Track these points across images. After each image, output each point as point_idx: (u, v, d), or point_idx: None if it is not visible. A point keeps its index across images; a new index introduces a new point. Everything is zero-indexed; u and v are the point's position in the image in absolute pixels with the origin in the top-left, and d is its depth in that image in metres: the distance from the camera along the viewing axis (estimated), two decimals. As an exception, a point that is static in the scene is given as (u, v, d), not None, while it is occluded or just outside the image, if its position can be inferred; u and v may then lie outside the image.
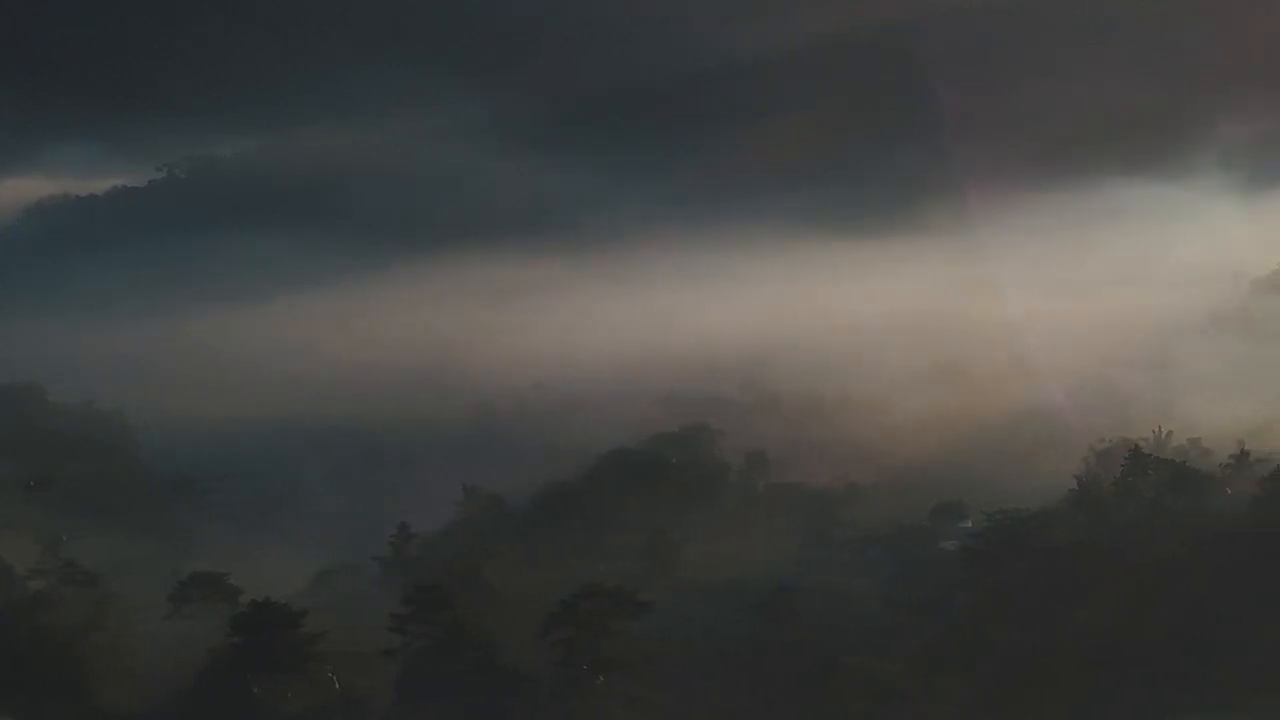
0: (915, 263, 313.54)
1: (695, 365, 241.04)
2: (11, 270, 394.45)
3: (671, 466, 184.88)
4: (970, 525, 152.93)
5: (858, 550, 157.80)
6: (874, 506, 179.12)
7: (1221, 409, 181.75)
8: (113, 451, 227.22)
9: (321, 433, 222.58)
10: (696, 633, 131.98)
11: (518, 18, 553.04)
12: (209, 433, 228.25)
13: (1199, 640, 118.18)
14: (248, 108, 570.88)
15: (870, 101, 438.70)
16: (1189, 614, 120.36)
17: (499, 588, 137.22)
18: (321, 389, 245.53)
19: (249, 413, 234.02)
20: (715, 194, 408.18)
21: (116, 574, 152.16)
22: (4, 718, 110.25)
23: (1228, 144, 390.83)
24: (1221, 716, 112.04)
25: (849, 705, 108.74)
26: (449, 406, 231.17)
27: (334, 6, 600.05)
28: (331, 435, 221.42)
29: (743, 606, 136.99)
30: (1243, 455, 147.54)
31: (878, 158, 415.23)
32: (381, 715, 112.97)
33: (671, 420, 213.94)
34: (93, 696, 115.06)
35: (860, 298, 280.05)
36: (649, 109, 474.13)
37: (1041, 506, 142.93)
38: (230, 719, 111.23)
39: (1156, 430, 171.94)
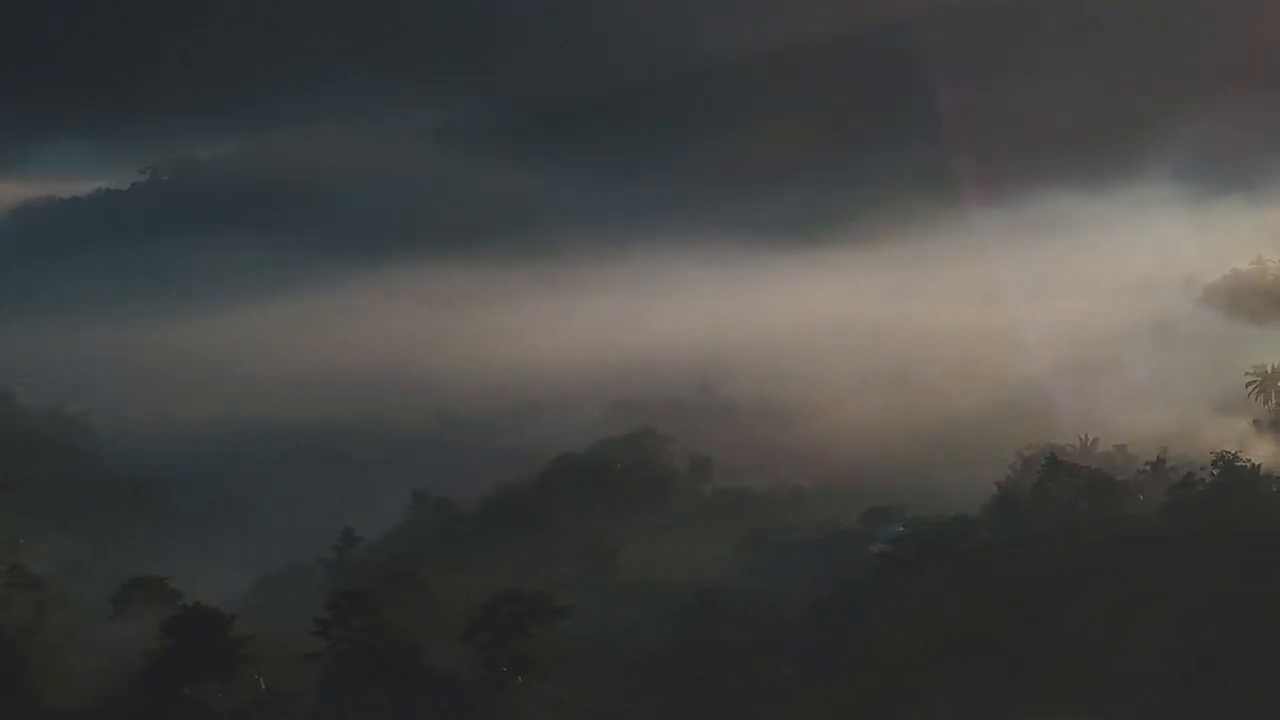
0: (868, 270, 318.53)
1: (650, 371, 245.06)
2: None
3: (616, 472, 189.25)
4: (901, 530, 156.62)
5: (791, 554, 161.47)
6: (815, 510, 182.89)
7: (1156, 415, 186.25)
8: (78, 455, 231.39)
9: (281, 436, 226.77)
10: (622, 635, 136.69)
11: (484, 23, 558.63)
12: (173, 436, 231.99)
13: (1095, 643, 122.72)
14: (227, 110, 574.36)
15: (828, 111, 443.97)
16: (1086, 617, 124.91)
17: (434, 591, 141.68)
18: (284, 393, 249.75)
19: (212, 416, 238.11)
20: (675, 200, 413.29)
21: (67, 577, 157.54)
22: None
23: (1182, 151, 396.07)
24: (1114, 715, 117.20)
25: (749, 707, 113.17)
26: (407, 411, 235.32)
27: (310, 13, 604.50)
28: (290, 439, 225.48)
29: (671, 609, 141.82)
30: (1159, 463, 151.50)
31: (832, 168, 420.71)
32: (308, 716, 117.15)
33: (626, 425, 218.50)
34: (31, 697, 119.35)
35: (814, 304, 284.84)
36: (611, 115, 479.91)
37: (959, 512, 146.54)
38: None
39: (1082, 437, 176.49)
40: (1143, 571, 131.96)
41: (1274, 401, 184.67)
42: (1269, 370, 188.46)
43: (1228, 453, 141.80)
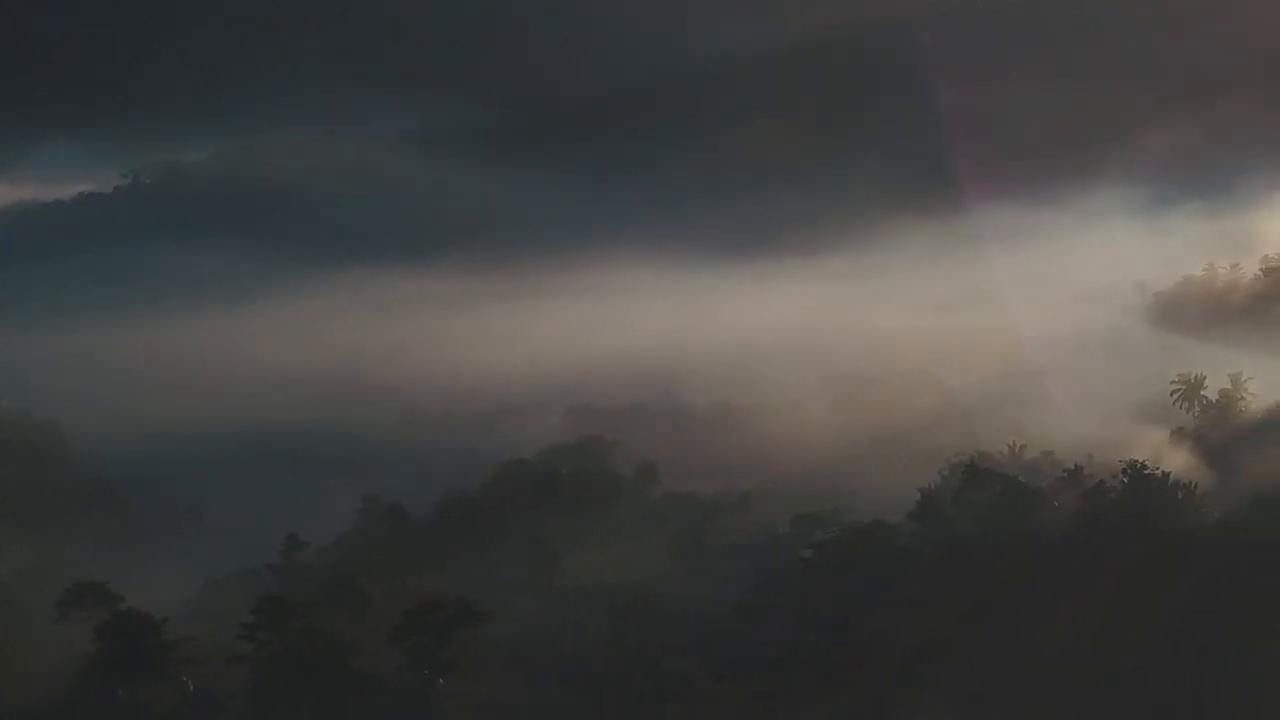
0: (825, 278, 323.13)
1: (610, 377, 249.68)
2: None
3: (563, 478, 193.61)
4: (825, 535, 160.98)
5: (725, 557, 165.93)
6: (759, 514, 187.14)
7: (1086, 422, 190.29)
8: (47, 459, 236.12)
9: (244, 441, 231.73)
10: (555, 637, 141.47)
11: (454, 33, 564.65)
12: (139, 440, 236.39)
13: (999, 644, 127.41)
14: (210, 114, 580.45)
15: (783, 124, 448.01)
16: (992, 619, 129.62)
17: (372, 596, 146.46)
18: (250, 397, 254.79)
19: (179, 420, 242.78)
20: (638, 209, 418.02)
21: (22, 580, 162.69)
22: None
23: (1138, 160, 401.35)
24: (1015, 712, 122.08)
25: (657, 706, 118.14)
26: (371, 416, 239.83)
27: (293, 19, 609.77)
28: (254, 443, 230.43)
29: (603, 612, 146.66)
30: (1076, 470, 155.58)
31: (790, 177, 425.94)
32: (237, 717, 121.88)
33: (585, 430, 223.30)
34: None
35: (771, 311, 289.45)
36: (574, 126, 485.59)
37: (885, 518, 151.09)
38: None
39: (1011, 444, 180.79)
40: (1052, 575, 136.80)
41: (1197, 410, 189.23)
42: (1193, 379, 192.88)
43: (1137, 462, 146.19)
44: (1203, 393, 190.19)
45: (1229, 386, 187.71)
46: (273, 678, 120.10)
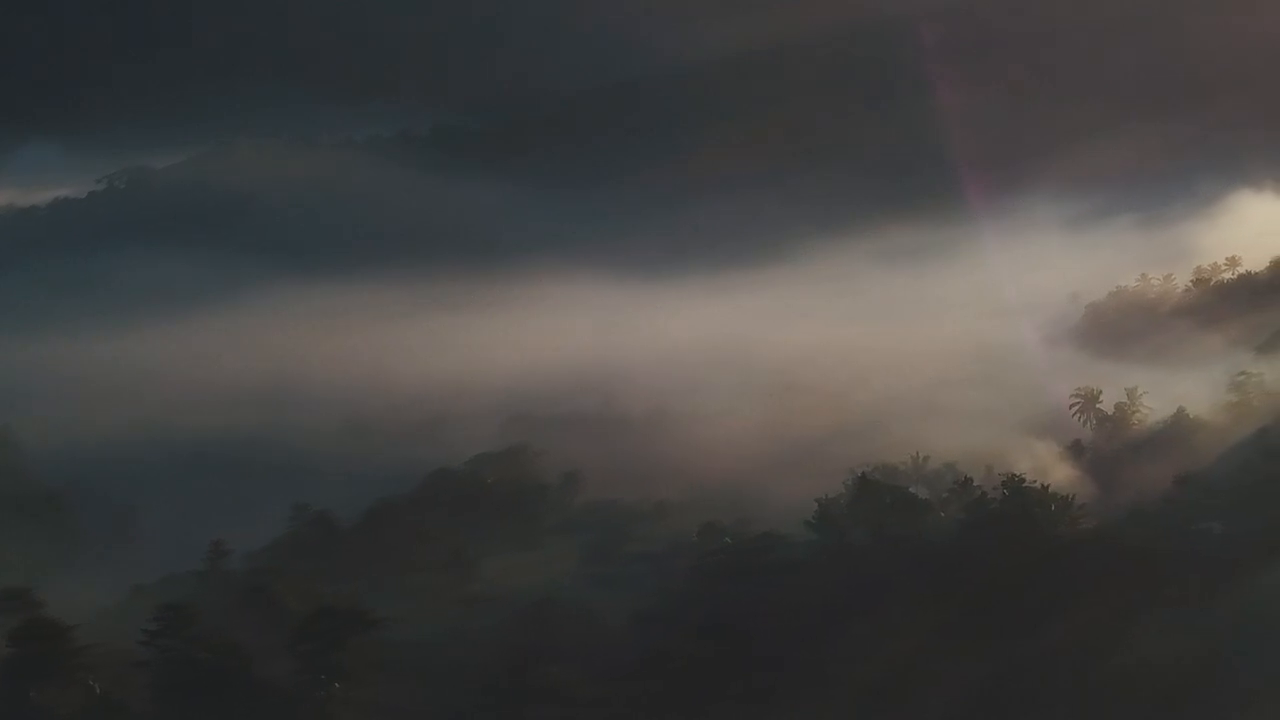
0: (761, 291, 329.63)
1: (548, 387, 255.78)
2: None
3: (486, 486, 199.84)
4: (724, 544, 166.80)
5: (631, 565, 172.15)
6: (677, 522, 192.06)
7: (992, 433, 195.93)
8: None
9: (186, 448, 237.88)
10: (454, 642, 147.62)
11: (435, 39, 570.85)
12: (89, 448, 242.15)
13: (871, 647, 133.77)
14: (186, 119, 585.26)
15: (731, 135, 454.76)
16: (866, 625, 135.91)
17: (286, 603, 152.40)
18: (195, 405, 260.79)
19: (125, 428, 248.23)
20: (580, 221, 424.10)
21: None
22: None
23: (1075, 173, 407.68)
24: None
25: (534, 709, 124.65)
26: (310, 425, 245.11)
27: (261, 27, 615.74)
28: (195, 451, 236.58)
29: (509, 619, 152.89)
30: (966, 481, 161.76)
31: (738, 189, 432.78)
32: (138, 718, 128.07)
33: (522, 439, 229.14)
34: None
35: (707, 324, 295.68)
36: (520, 139, 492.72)
37: (769, 529, 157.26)
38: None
39: (914, 455, 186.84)
40: (930, 582, 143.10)
41: (1094, 422, 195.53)
42: (1090, 392, 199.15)
43: (1015, 474, 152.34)
44: (1099, 406, 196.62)
45: (1125, 400, 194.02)
46: (172, 683, 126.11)
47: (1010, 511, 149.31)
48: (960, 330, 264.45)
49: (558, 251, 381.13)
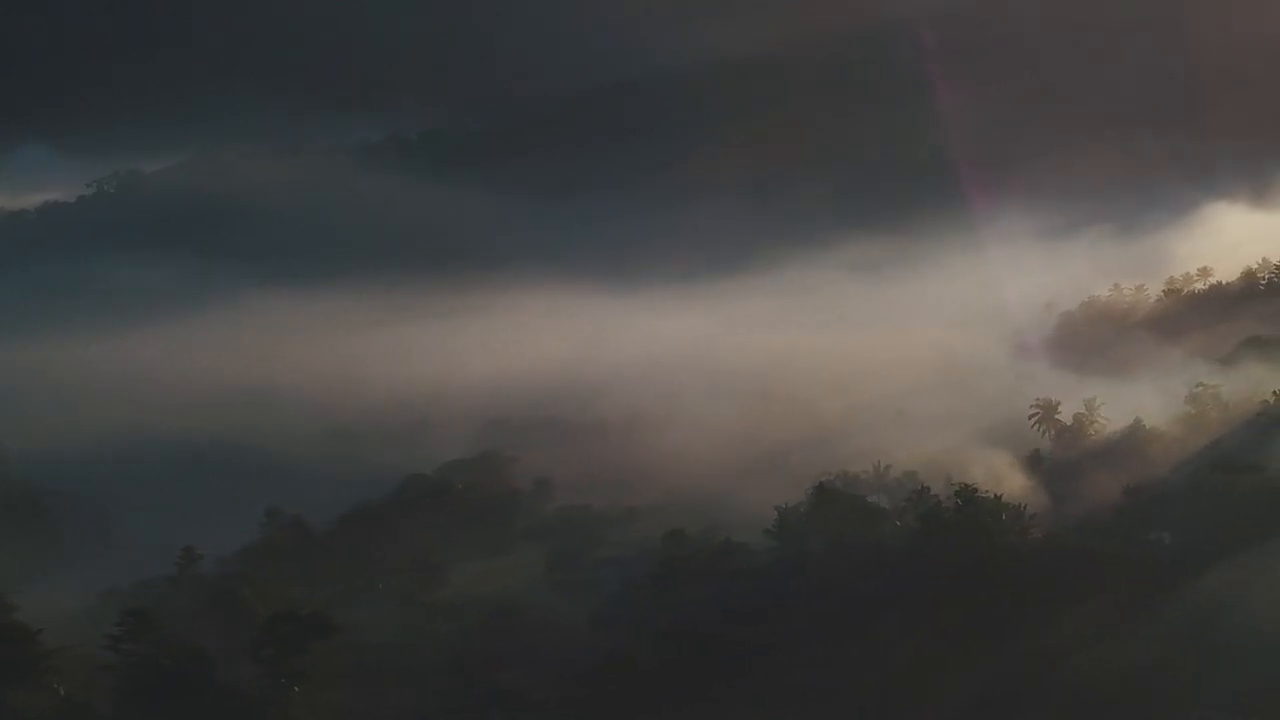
0: (738, 299, 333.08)
1: (526, 393, 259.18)
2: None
3: (457, 491, 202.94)
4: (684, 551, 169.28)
5: (596, 571, 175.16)
6: (642, 529, 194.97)
7: (955, 442, 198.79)
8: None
9: (166, 452, 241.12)
10: (420, 646, 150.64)
11: (424, 45, 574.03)
12: (71, 452, 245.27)
13: (822, 651, 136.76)
14: (176, 123, 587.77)
15: (716, 143, 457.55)
16: (818, 630, 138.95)
17: (253, 607, 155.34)
18: (177, 409, 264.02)
19: (107, 433, 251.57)
20: (561, 228, 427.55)
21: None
22: None
23: (1051, 184, 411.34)
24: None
25: (485, 712, 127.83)
26: (289, 430, 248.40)
27: (252, 32, 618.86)
28: (174, 455, 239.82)
29: (473, 624, 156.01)
30: (923, 490, 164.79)
31: (723, 195, 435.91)
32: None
33: (497, 445, 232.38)
34: None
35: (684, 331, 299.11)
36: (502, 146, 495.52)
37: (729, 536, 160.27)
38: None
39: (876, 464, 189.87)
40: (883, 589, 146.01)
41: (1052, 433, 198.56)
42: (1049, 403, 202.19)
43: (968, 484, 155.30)
44: (1057, 416, 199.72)
45: (1083, 410, 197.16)
46: (136, 687, 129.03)
47: (962, 520, 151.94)
48: (932, 340, 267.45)
49: (533, 259, 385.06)
